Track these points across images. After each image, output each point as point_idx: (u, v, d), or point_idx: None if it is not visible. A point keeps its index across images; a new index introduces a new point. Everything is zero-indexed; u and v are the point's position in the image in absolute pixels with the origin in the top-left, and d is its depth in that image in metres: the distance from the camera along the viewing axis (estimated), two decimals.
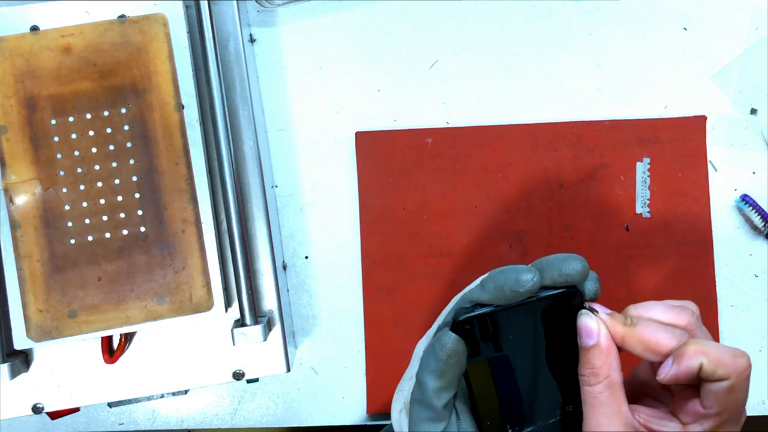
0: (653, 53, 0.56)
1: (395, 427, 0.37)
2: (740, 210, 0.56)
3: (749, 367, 0.32)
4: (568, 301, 0.33)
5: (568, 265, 0.32)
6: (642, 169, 0.54)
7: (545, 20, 0.56)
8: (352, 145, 0.55)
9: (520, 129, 0.55)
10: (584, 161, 0.55)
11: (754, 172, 0.56)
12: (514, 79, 0.56)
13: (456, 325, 0.33)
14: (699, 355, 0.31)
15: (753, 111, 0.56)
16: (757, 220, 0.55)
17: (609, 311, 0.34)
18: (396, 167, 0.54)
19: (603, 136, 0.55)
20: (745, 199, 0.55)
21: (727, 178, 0.56)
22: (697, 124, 0.55)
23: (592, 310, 0.33)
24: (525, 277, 0.32)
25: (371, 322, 0.54)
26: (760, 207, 0.54)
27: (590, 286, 0.34)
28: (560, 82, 0.56)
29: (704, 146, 0.55)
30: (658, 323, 0.33)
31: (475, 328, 0.33)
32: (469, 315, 0.33)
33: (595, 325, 0.33)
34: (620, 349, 0.33)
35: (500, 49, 0.56)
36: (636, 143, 0.55)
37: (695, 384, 0.33)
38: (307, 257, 0.55)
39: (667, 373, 0.32)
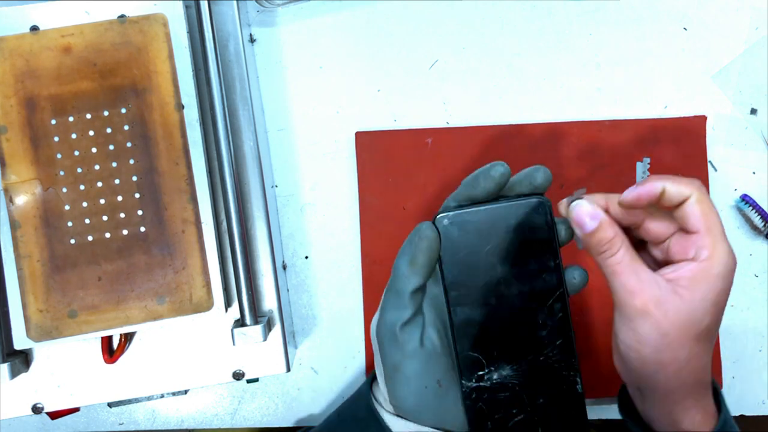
0: (653, 53, 0.56)
1: (372, 342, 0.40)
2: (740, 210, 0.56)
3: (702, 185, 0.36)
4: (537, 210, 0.37)
5: (533, 175, 0.37)
6: (642, 169, 0.54)
7: (545, 20, 0.56)
8: (352, 145, 0.55)
9: (520, 129, 0.55)
10: (584, 161, 0.54)
11: (754, 172, 0.56)
12: (514, 79, 0.56)
13: (434, 220, 0.37)
14: (660, 181, 0.35)
15: (753, 111, 0.56)
16: (757, 220, 0.55)
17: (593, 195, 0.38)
18: (396, 167, 0.54)
19: (603, 136, 0.55)
20: (745, 199, 0.55)
21: (727, 178, 0.56)
22: (697, 124, 0.55)
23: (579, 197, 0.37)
24: (496, 168, 0.36)
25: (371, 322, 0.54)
26: (760, 207, 0.54)
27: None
28: (560, 82, 0.56)
29: (704, 146, 0.55)
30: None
31: (453, 224, 0.37)
32: (447, 212, 0.37)
33: (590, 207, 0.36)
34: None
35: (500, 49, 0.56)
36: (636, 143, 0.55)
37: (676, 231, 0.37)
38: (307, 257, 0.55)
39: (629, 193, 0.36)
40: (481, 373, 0.37)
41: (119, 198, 0.46)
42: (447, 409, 0.38)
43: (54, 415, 0.52)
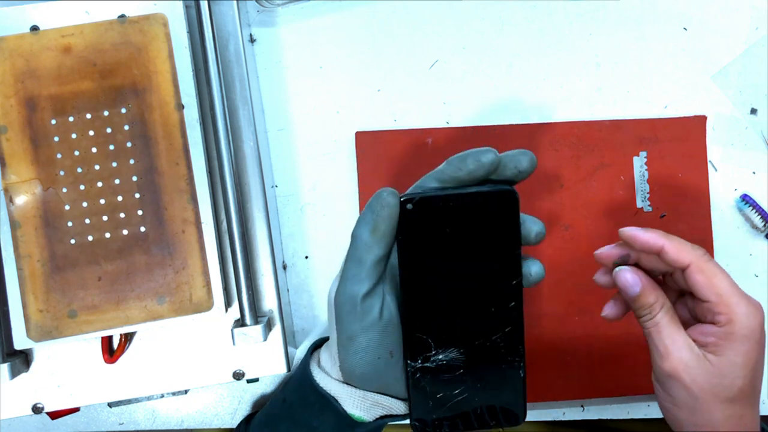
0: (653, 53, 0.56)
1: (328, 301, 0.39)
2: (740, 210, 0.56)
3: (706, 253, 0.37)
4: (504, 201, 0.36)
5: (519, 159, 0.37)
6: (639, 163, 0.54)
7: (545, 20, 0.56)
8: (352, 145, 0.55)
9: (520, 129, 0.55)
10: (584, 161, 0.55)
11: (754, 172, 0.56)
12: (514, 79, 0.56)
13: (403, 199, 0.36)
14: (663, 239, 0.37)
15: (753, 111, 0.56)
16: (757, 220, 0.55)
17: (624, 252, 0.39)
18: (396, 167, 0.54)
19: (603, 136, 0.55)
20: (745, 199, 0.55)
21: (727, 178, 0.56)
22: (697, 124, 0.55)
23: (624, 263, 0.39)
24: (487, 154, 0.36)
25: None
26: (760, 207, 0.54)
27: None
28: (560, 82, 0.56)
29: (704, 146, 0.55)
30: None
31: (419, 207, 0.36)
32: (415, 193, 0.36)
33: (632, 275, 0.38)
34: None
35: (500, 49, 0.56)
36: (636, 143, 0.55)
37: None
38: (307, 257, 0.55)
39: (628, 230, 0.38)
40: (428, 354, 0.38)
41: (119, 198, 0.46)
42: (395, 377, 0.39)
43: (54, 415, 0.52)
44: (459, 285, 0.37)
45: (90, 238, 0.45)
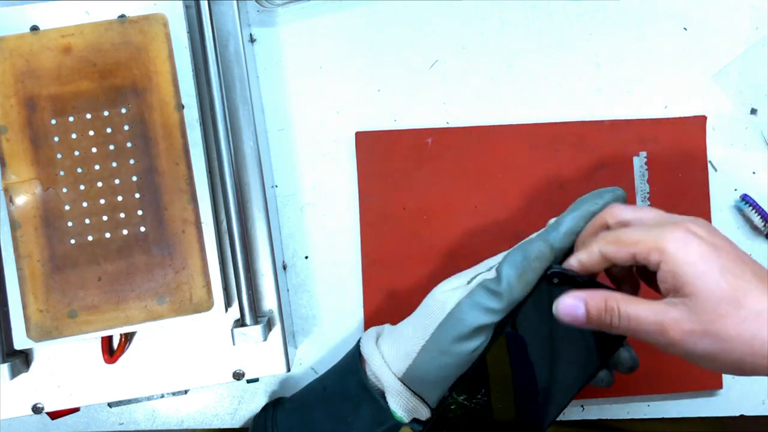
0: (653, 53, 0.56)
1: (436, 305, 0.39)
2: (740, 210, 0.56)
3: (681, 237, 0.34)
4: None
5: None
6: (639, 163, 0.55)
7: (545, 20, 0.56)
8: (352, 145, 0.55)
9: (520, 129, 0.55)
10: (584, 161, 0.54)
11: (754, 172, 0.56)
12: (514, 79, 0.56)
13: (548, 273, 0.37)
14: (629, 248, 0.35)
15: (753, 111, 0.56)
16: (757, 220, 0.55)
17: (572, 261, 0.37)
18: (396, 167, 0.54)
19: (603, 136, 0.55)
20: (745, 199, 0.55)
21: (727, 178, 0.56)
22: (697, 124, 0.55)
23: (564, 281, 0.37)
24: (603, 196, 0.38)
25: (371, 322, 0.54)
26: (760, 207, 0.54)
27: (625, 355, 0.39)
28: (560, 82, 0.56)
29: (704, 146, 0.55)
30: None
31: (558, 284, 0.37)
32: (561, 269, 0.37)
33: (568, 299, 0.36)
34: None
35: (500, 49, 0.56)
36: (636, 143, 0.55)
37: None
38: (307, 257, 0.55)
39: (583, 254, 0.37)
40: (473, 395, 0.39)
41: (119, 198, 0.46)
42: (435, 386, 0.39)
43: (54, 415, 0.52)
44: (541, 361, 0.39)
45: (90, 238, 0.45)
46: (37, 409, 0.47)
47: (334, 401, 0.42)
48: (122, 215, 0.46)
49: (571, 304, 0.35)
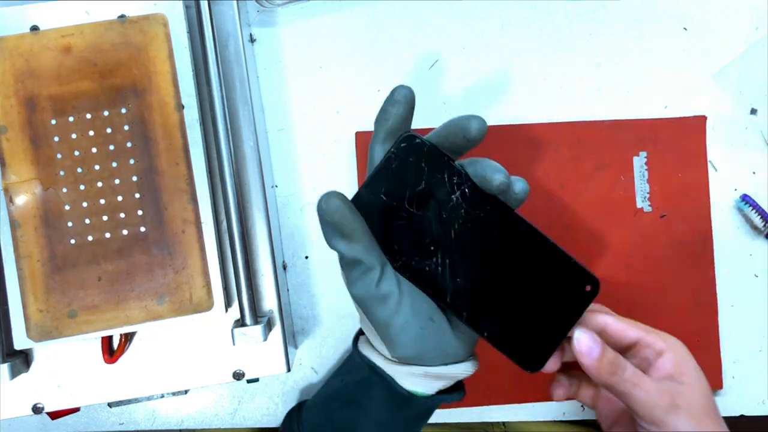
0: (653, 53, 0.56)
1: (356, 308, 0.40)
2: (740, 210, 0.56)
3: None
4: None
5: (467, 127, 0.37)
6: (639, 163, 0.55)
7: (545, 20, 0.56)
8: (352, 145, 0.55)
9: (520, 129, 0.55)
10: (584, 161, 0.54)
11: (754, 172, 0.56)
12: (514, 79, 0.56)
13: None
14: (635, 330, 0.39)
15: (753, 111, 0.56)
16: (757, 220, 0.55)
17: (592, 340, 0.38)
18: None
19: (603, 136, 0.55)
20: (745, 199, 0.55)
21: (727, 178, 0.56)
22: (697, 124, 0.55)
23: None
24: (399, 90, 0.37)
25: None
26: (760, 207, 0.54)
27: (519, 186, 0.38)
28: (560, 82, 0.56)
29: (704, 146, 0.55)
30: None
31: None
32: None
33: (589, 335, 0.37)
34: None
35: (500, 49, 0.56)
36: (636, 143, 0.55)
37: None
38: (307, 257, 0.55)
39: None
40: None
41: (119, 198, 0.46)
42: (446, 341, 0.39)
43: (54, 415, 0.52)
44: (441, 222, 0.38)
45: (90, 238, 0.45)
46: (37, 409, 0.47)
47: (347, 389, 0.42)
48: (122, 215, 0.46)
49: (591, 340, 0.37)
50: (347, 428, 0.42)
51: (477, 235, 0.37)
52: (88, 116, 0.46)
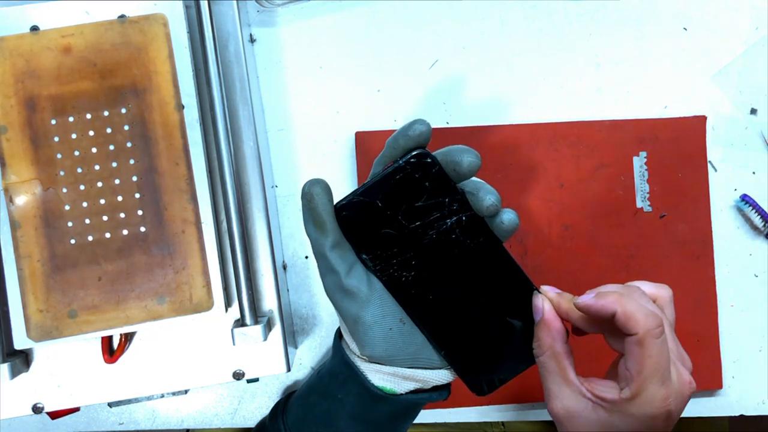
0: (653, 53, 0.56)
1: (332, 303, 0.40)
2: (740, 210, 0.56)
3: (659, 326, 0.34)
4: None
5: (459, 162, 0.36)
6: (639, 163, 0.55)
7: (545, 20, 0.56)
8: (352, 145, 0.55)
9: (520, 129, 0.55)
10: (584, 161, 0.55)
11: (754, 172, 0.56)
12: (514, 79, 0.56)
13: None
14: (615, 304, 0.34)
15: (753, 111, 0.56)
16: (757, 220, 0.55)
17: (557, 291, 0.38)
18: None
19: (603, 136, 0.55)
20: (745, 199, 0.55)
21: (727, 178, 0.56)
22: (697, 124, 0.55)
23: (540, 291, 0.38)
24: (415, 126, 0.36)
25: None
26: (760, 207, 0.54)
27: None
28: (560, 82, 0.56)
29: (704, 146, 0.55)
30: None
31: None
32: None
33: (540, 302, 0.38)
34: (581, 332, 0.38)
35: (500, 49, 0.56)
36: (636, 143, 0.55)
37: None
38: (307, 257, 0.55)
39: (583, 300, 0.36)
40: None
41: (119, 198, 0.46)
42: (417, 345, 0.39)
43: (54, 415, 0.52)
44: (432, 251, 0.38)
45: (90, 238, 0.45)
46: (37, 409, 0.47)
47: (324, 382, 0.43)
48: (122, 215, 0.46)
49: (537, 305, 0.38)
50: (325, 420, 0.42)
51: (461, 262, 0.38)
52: (88, 116, 0.46)
